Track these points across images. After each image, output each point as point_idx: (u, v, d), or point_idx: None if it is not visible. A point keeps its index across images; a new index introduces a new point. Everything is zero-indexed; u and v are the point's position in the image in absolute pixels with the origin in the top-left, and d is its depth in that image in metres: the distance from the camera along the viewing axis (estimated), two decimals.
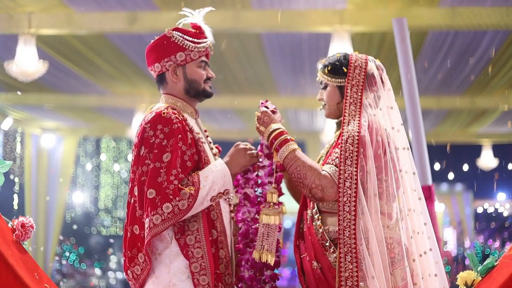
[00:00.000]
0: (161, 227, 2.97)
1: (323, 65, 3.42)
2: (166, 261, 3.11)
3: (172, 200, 2.97)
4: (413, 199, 3.21)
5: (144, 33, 8.71)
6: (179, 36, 3.26)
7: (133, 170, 3.15)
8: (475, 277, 3.40)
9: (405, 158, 3.25)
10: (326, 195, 3.07)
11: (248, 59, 10.08)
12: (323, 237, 3.15)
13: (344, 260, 3.01)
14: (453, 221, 25.03)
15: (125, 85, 11.94)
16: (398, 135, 3.27)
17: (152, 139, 3.07)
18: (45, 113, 14.56)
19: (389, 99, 3.33)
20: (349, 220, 3.03)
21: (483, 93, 11.95)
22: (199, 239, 3.10)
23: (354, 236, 3.01)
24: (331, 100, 3.38)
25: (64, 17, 8.31)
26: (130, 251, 3.13)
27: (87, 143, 22.41)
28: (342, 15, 7.95)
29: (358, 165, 3.06)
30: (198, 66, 3.33)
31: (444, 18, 7.87)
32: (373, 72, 3.30)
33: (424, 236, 3.21)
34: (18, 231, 3.34)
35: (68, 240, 20.92)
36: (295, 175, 3.12)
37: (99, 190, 23.91)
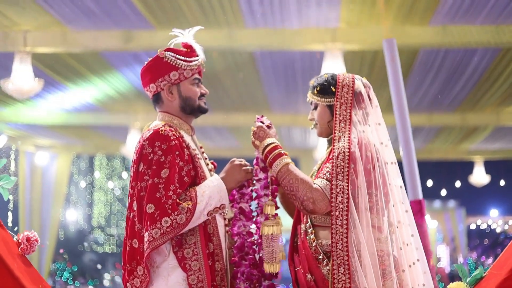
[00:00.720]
0: (160, 240, 3.04)
1: (312, 86, 3.51)
2: (164, 273, 3.17)
3: (170, 214, 3.04)
4: (401, 212, 3.29)
5: (139, 51, 8.80)
6: (171, 56, 3.33)
7: (132, 186, 3.22)
8: (465, 287, 3.47)
9: (393, 172, 3.34)
10: (317, 207, 3.14)
11: (242, 77, 10.16)
12: (317, 250, 3.22)
13: (337, 272, 3.08)
14: (446, 237, 25.03)
15: (119, 103, 12.00)
16: (386, 150, 3.35)
17: (151, 156, 3.14)
18: (39, 130, 14.58)
19: (376, 115, 3.42)
20: (341, 233, 3.11)
21: (474, 110, 12.05)
22: (197, 252, 3.17)
23: (346, 248, 3.08)
24: (322, 119, 3.46)
25: (60, 35, 8.38)
26: (130, 264, 3.20)
27: (81, 160, 22.39)
28: (334, 33, 8.05)
29: (349, 180, 3.14)
30: (192, 84, 3.39)
31: (435, 36, 7.98)
32: (361, 90, 3.38)
33: (412, 247, 3.28)
34: (23, 244, 3.41)
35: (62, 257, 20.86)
36: (288, 188, 3.19)
37: (92, 208, 23.86)
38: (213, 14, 7.71)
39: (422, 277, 3.29)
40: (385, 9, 7.61)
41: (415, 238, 3.32)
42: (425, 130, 13.96)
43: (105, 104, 12.26)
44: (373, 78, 9.61)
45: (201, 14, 7.71)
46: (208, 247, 3.22)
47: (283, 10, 7.64)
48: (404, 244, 3.26)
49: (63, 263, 20.23)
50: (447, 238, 24.87)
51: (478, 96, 11.11)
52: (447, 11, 7.56)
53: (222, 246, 3.32)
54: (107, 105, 12.31)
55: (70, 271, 20.20)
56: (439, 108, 12.04)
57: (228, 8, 7.57)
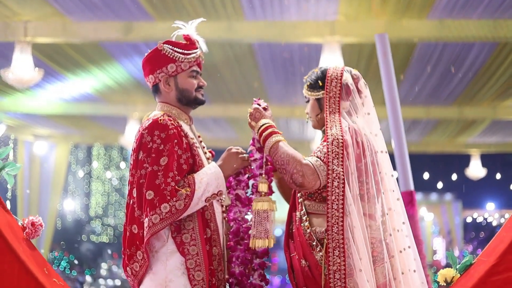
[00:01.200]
0: (160, 226, 3.13)
1: (305, 81, 3.63)
2: (163, 258, 3.26)
3: (169, 200, 3.13)
4: (392, 199, 3.38)
5: (138, 42, 8.84)
6: (169, 48, 3.41)
7: (132, 173, 3.30)
8: (454, 274, 3.58)
9: (383, 161, 3.43)
10: (306, 180, 3.23)
11: (240, 68, 10.21)
12: (311, 237, 3.31)
13: (333, 254, 3.17)
14: (442, 230, 25.07)
15: (118, 93, 12.05)
16: (376, 139, 3.44)
17: (150, 144, 3.22)
18: (38, 120, 14.61)
19: (366, 105, 3.52)
20: (337, 217, 3.19)
21: (472, 104, 12.10)
22: (195, 237, 3.26)
23: (342, 232, 3.17)
24: (312, 112, 3.59)
25: (60, 26, 8.42)
26: (129, 249, 3.28)
27: (79, 150, 22.43)
28: (333, 26, 8.09)
29: (344, 166, 3.23)
30: (189, 76, 3.46)
31: (432, 30, 8.03)
32: (347, 82, 3.46)
33: (403, 233, 3.37)
34: (28, 229, 3.48)
35: (59, 247, 20.91)
36: (279, 163, 3.31)
37: (90, 198, 23.91)
38: (213, 6, 7.75)
39: (413, 263, 3.37)
40: (383, 3, 7.66)
41: (405, 226, 3.40)
42: (422, 123, 14.00)
43: (104, 95, 12.30)
44: (371, 71, 9.64)
45: (200, 6, 7.75)
46: (206, 232, 3.31)
47: (282, 3, 7.68)
48: (395, 230, 3.35)
49: (60, 253, 20.29)
50: (443, 231, 24.90)
51: (475, 89, 11.16)
52: (445, 5, 7.60)
53: (219, 231, 3.40)
54: (106, 95, 12.34)
55: (68, 260, 20.27)
56: (436, 101, 12.09)
57: (227, 1, 7.61)
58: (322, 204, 3.34)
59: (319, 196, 3.36)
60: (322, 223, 3.31)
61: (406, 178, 5.59)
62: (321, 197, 3.35)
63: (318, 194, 3.36)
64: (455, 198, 24.63)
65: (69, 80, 11.11)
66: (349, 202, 3.22)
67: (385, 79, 5.71)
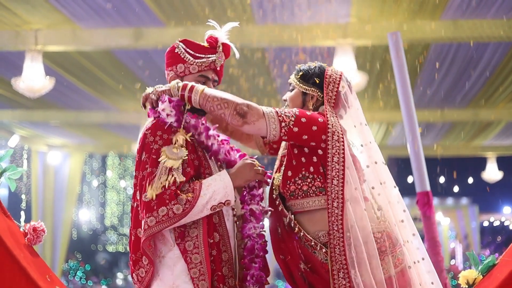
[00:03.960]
0: (155, 228, 3.02)
1: (297, 69, 3.47)
2: (170, 263, 3.15)
3: (167, 204, 3.02)
4: (399, 211, 3.26)
5: (149, 48, 8.80)
6: (182, 48, 3.33)
7: (135, 175, 3.20)
8: (476, 275, 3.45)
9: (382, 172, 3.29)
10: (249, 113, 3.07)
11: (253, 73, 10.16)
12: (307, 238, 3.19)
13: (334, 253, 3.07)
14: (459, 235, 24.98)
15: (131, 101, 12.01)
16: (371, 149, 3.31)
17: (152, 145, 3.13)
18: (51, 130, 14.63)
19: (357, 117, 3.37)
20: (336, 215, 3.08)
21: (487, 106, 11.98)
22: (198, 245, 3.14)
23: (341, 229, 3.06)
24: (293, 103, 3.43)
25: (70, 33, 8.41)
26: (135, 254, 3.19)
27: (93, 160, 22.48)
28: (345, 29, 8.03)
29: (344, 162, 3.13)
30: (196, 80, 3.34)
31: (446, 31, 7.94)
32: (343, 91, 3.35)
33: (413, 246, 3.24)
34: (30, 235, 3.41)
35: (75, 257, 20.96)
36: (217, 100, 3.11)
37: (105, 207, 23.95)
38: (223, 10, 7.71)
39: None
40: (395, 4, 7.60)
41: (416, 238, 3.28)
42: (437, 127, 13.91)
43: (116, 103, 12.28)
44: (384, 73, 9.59)
45: (211, 10, 7.71)
46: (214, 237, 3.19)
47: (293, 6, 7.63)
48: (406, 242, 3.23)
49: (76, 263, 20.34)
50: (460, 235, 24.81)
51: (491, 91, 11.06)
52: (458, 5, 7.53)
53: (229, 235, 3.28)
54: (118, 103, 12.33)
55: (83, 270, 20.31)
56: (451, 104, 11.99)
57: (238, 4, 7.57)
58: (305, 199, 3.21)
59: (300, 191, 3.22)
60: (310, 220, 3.21)
61: (422, 179, 5.49)
62: (302, 192, 3.22)
63: (299, 189, 3.22)
64: (471, 202, 24.53)
65: (80, 88, 11.09)
66: (347, 196, 3.12)
67: (398, 78, 5.63)
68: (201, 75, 3.36)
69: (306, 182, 3.20)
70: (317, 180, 3.19)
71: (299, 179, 3.23)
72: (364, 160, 3.30)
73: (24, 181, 16.84)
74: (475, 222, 24.56)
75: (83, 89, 11.18)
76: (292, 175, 3.24)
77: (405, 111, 5.58)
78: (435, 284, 3.26)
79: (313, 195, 3.20)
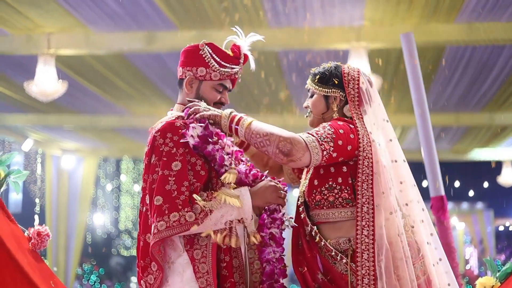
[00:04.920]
0: (165, 233, 2.95)
1: (313, 73, 3.41)
2: (179, 269, 3.08)
3: (180, 210, 2.96)
4: (417, 210, 3.17)
5: (162, 52, 8.77)
6: (207, 52, 3.24)
7: (144, 179, 3.15)
8: (494, 283, 3.37)
9: (403, 170, 3.22)
10: (294, 149, 2.96)
11: (266, 77, 10.11)
12: (327, 248, 3.12)
13: (362, 258, 2.98)
14: (474, 239, 24.85)
15: (144, 105, 12.00)
16: (394, 147, 3.24)
17: (162, 147, 3.07)
18: (65, 134, 14.65)
19: (379, 113, 3.30)
20: (367, 219, 3.01)
21: (502, 109, 11.89)
22: (206, 255, 3.07)
23: (373, 235, 2.99)
24: (316, 109, 3.36)
25: (83, 37, 8.39)
26: (143, 260, 3.11)
27: (107, 164, 22.49)
28: (359, 32, 7.97)
29: (373, 167, 3.07)
30: (214, 88, 3.30)
31: (461, 34, 7.86)
32: (364, 86, 3.28)
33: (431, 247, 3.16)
34: (34, 239, 3.36)
35: (89, 261, 20.97)
36: (260, 137, 3.02)
37: (119, 212, 23.94)
38: (236, 14, 7.66)
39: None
40: (409, 7, 7.53)
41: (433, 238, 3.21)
42: (452, 131, 13.83)
43: (129, 107, 12.27)
44: (399, 77, 9.53)
45: (223, 13, 7.67)
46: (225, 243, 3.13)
47: (306, 9, 7.58)
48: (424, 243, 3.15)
49: (90, 267, 20.36)
50: (475, 240, 24.69)
51: (506, 94, 10.96)
52: (473, 8, 7.45)
53: (240, 240, 3.22)
54: (132, 107, 12.31)
55: (97, 274, 20.32)
56: (466, 107, 11.90)
57: (251, 8, 7.52)
58: (331, 210, 3.16)
59: (326, 202, 3.17)
60: (334, 231, 3.14)
61: (437, 184, 5.39)
62: (328, 202, 3.16)
63: (325, 199, 3.17)
64: (487, 206, 24.38)
65: (93, 92, 11.09)
66: (377, 202, 3.05)
67: (411, 80, 5.52)
68: (220, 84, 3.32)
69: (333, 193, 3.14)
70: (344, 191, 3.13)
71: (326, 189, 3.17)
72: (386, 159, 3.20)
73: (38, 185, 16.87)
74: (491, 227, 24.41)
75: (96, 93, 11.18)
76: (318, 184, 3.19)
77: (418, 113, 5.47)
78: (452, 286, 3.19)
79: (339, 206, 3.15)
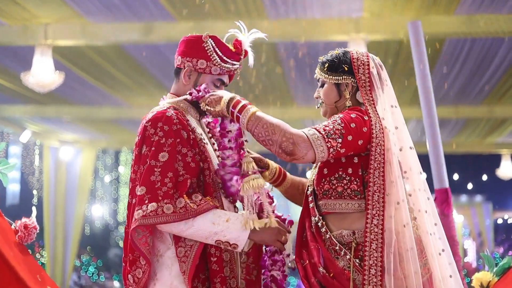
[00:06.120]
0: (140, 221, 2.87)
1: (321, 62, 3.31)
2: (168, 263, 3.03)
3: (160, 201, 2.89)
4: (423, 199, 3.10)
5: (159, 43, 8.72)
6: (211, 45, 3.19)
7: (134, 170, 3.08)
8: (491, 278, 3.31)
9: (411, 158, 3.12)
10: (297, 148, 2.87)
11: (264, 69, 10.06)
12: (332, 242, 3.05)
13: (370, 248, 2.91)
14: (472, 232, 24.88)
15: (143, 96, 11.95)
16: (402, 133, 3.14)
17: (153, 137, 3.01)
18: (63, 125, 14.60)
19: (391, 97, 3.21)
20: (378, 208, 2.93)
21: (502, 102, 11.85)
22: (188, 255, 2.99)
23: (382, 224, 2.92)
24: (328, 98, 3.26)
25: (80, 28, 8.35)
26: (132, 254, 3.04)
27: (106, 156, 22.47)
28: (358, 23, 7.93)
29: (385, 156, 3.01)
30: (212, 82, 3.25)
31: (461, 26, 7.82)
32: (374, 70, 3.21)
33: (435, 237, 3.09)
34: (21, 232, 3.30)
35: (87, 252, 20.99)
36: (263, 134, 2.92)
37: (118, 203, 23.94)
38: (234, 4, 7.62)
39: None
40: None
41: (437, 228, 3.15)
42: (451, 123, 13.78)
43: (127, 98, 12.22)
44: (398, 68, 9.49)
45: (222, 5, 7.63)
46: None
47: (305, 0, 7.53)
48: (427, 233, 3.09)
49: (88, 258, 20.37)
50: (474, 232, 24.72)
51: (506, 87, 10.93)
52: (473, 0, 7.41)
53: None
54: (130, 99, 12.27)
55: (96, 266, 20.34)
56: (465, 100, 11.86)
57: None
58: (338, 201, 3.07)
59: (334, 192, 3.09)
60: (341, 222, 3.06)
61: (441, 176, 5.29)
62: (336, 193, 3.08)
63: (333, 189, 3.09)
64: (486, 199, 24.41)
65: (91, 83, 11.04)
66: (387, 191, 2.97)
67: (418, 70, 5.43)
68: (219, 79, 3.27)
69: (342, 183, 3.07)
70: (353, 183, 3.06)
71: (335, 179, 3.09)
72: (395, 146, 3.10)
73: (36, 177, 16.85)
74: (489, 220, 24.44)
75: (94, 84, 11.13)
76: (328, 173, 3.11)
77: (424, 104, 5.37)
78: (454, 277, 3.12)
79: (347, 197, 3.07)
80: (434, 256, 3.04)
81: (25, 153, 16.85)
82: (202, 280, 3.05)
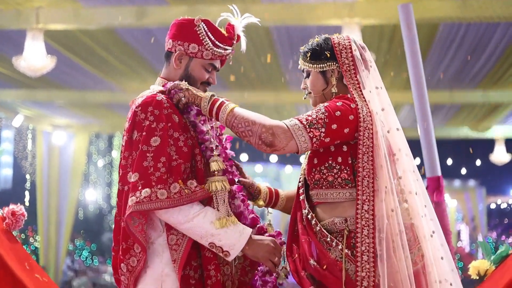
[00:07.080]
0: (134, 208, 2.84)
1: (303, 52, 3.28)
2: (159, 250, 3.00)
3: (153, 186, 2.85)
4: (413, 181, 3.08)
5: (152, 27, 8.66)
6: (203, 29, 3.13)
7: (124, 156, 3.03)
8: (488, 266, 3.28)
9: (399, 139, 3.09)
10: (277, 140, 2.86)
11: (257, 53, 10.01)
12: (323, 233, 3.01)
13: (362, 234, 2.88)
14: (465, 217, 24.97)
15: (135, 81, 11.89)
16: (388, 115, 3.10)
17: (144, 122, 2.96)
18: (55, 110, 14.54)
19: (375, 78, 3.18)
20: (368, 193, 2.91)
21: (496, 87, 11.84)
22: (180, 243, 2.96)
23: (372, 210, 2.89)
24: (315, 87, 3.22)
25: (72, 12, 8.28)
26: (125, 242, 3.00)
27: (100, 140, 22.44)
28: (352, 7, 7.87)
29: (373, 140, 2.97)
30: (204, 66, 3.20)
31: (455, 10, 7.77)
32: (357, 52, 3.17)
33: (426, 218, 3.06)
34: (9, 219, 3.26)
35: (81, 236, 20.99)
36: (242, 125, 2.91)
37: (111, 187, 23.94)
38: None
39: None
40: None
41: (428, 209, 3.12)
42: (445, 108, 13.76)
43: (120, 83, 12.17)
44: (392, 53, 9.44)
45: None
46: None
47: None
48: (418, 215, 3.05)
49: (82, 242, 20.37)
50: (467, 217, 24.81)
51: (500, 72, 10.91)
52: None
53: None
54: (123, 83, 12.21)
55: (89, 250, 20.33)
56: (460, 85, 11.84)
57: None
58: (329, 190, 3.04)
59: (324, 181, 3.05)
60: (331, 211, 3.03)
61: (433, 163, 5.23)
62: (327, 182, 3.05)
63: (324, 179, 3.05)
64: (479, 184, 24.46)
65: (83, 67, 10.98)
66: (377, 176, 2.94)
67: (409, 54, 5.34)
68: (211, 63, 3.21)
69: (332, 172, 3.03)
70: (344, 171, 3.02)
71: (325, 168, 3.06)
72: (381, 128, 3.06)
73: (29, 161, 16.80)
74: (482, 204, 24.51)
75: (86, 68, 11.07)
76: (318, 163, 3.08)
77: (415, 89, 5.28)
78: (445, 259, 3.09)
79: (338, 187, 3.04)
80: (427, 238, 3.01)
81: (18, 138, 16.81)
82: (194, 268, 3.01)
